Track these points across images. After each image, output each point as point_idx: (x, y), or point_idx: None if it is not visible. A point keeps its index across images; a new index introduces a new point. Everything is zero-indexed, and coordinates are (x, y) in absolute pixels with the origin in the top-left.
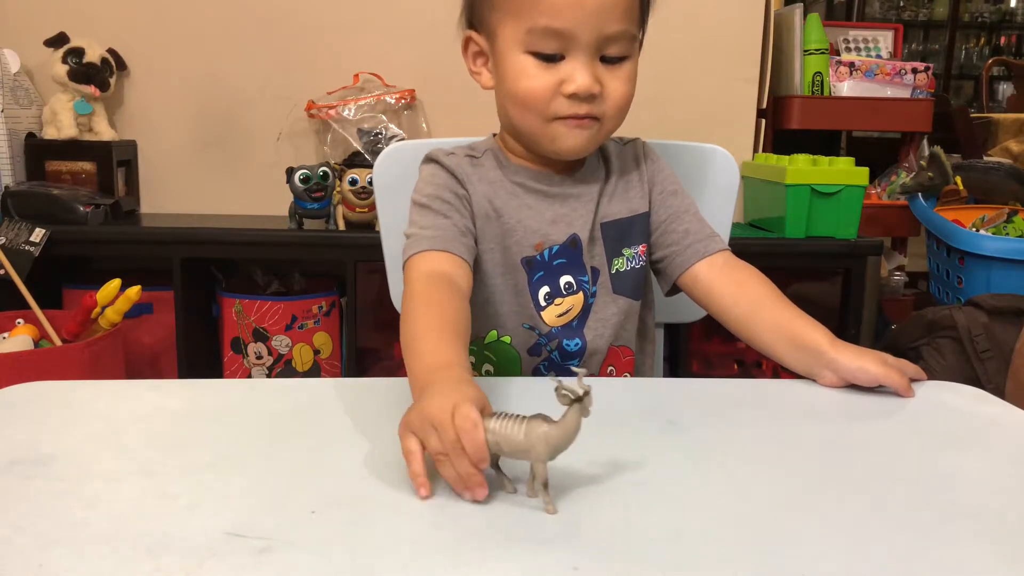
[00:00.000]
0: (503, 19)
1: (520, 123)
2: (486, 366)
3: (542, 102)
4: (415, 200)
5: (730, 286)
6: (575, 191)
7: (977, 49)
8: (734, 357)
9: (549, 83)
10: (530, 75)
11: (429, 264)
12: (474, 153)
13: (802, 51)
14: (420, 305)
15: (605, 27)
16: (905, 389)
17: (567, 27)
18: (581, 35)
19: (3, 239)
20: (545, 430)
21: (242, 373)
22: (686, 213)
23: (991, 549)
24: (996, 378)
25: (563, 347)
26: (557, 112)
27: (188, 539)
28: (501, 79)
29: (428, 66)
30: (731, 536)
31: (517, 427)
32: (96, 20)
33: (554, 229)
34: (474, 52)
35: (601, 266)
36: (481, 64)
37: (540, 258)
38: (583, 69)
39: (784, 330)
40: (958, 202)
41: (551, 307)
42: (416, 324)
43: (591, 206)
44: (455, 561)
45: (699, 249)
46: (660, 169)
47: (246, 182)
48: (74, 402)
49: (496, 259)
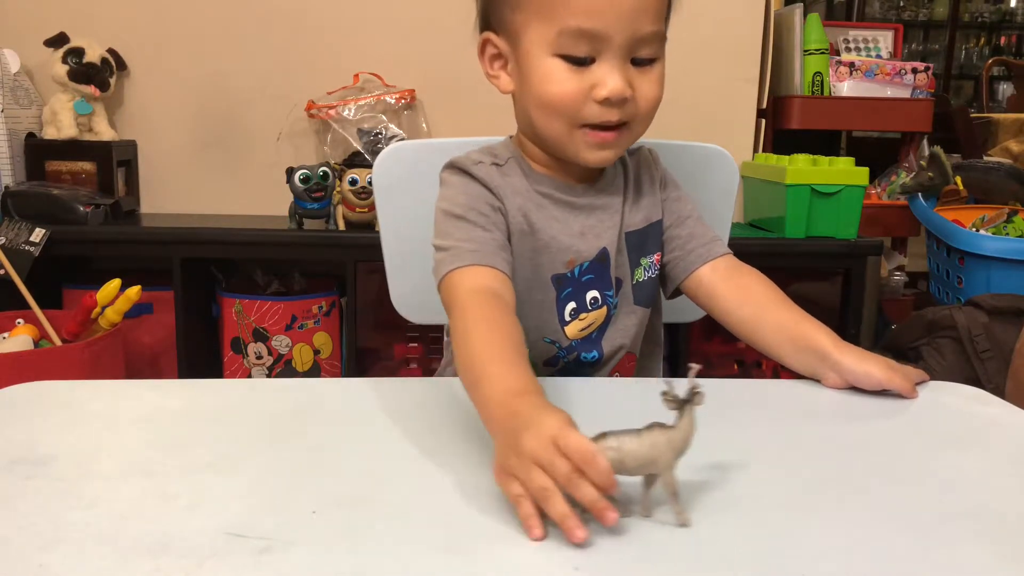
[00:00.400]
0: (529, 20)
1: (546, 130)
2: None
3: (571, 108)
4: (446, 210)
5: (733, 289)
6: (600, 201)
7: (977, 49)
8: (734, 357)
9: (579, 88)
10: (559, 79)
11: (474, 280)
12: (498, 161)
13: (802, 51)
14: (479, 325)
15: (639, 28)
16: (910, 394)
17: (601, 28)
18: (615, 36)
19: (3, 239)
20: (669, 436)
21: (242, 373)
22: (689, 218)
23: (991, 549)
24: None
25: (579, 358)
26: (587, 118)
27: (188, 539)
28: (526, 83)
29: (428, 66)
30: (731, 536)
31: (637, 441)
32: (96, 20)
33: (583, 243)
34: (491, 55)
35: (624, 276)
36: (499, 67)
37: (571, 275)
38: (615, 73)
39: (788, 332)
40: (958, 202)
41: (575, 322)
42: (478, 348)
43: (616, 217)
44: (455, 561)
45: (702, 253)
46: (665, 175)
47: (246, 182)
48: (74, 402)
49: (525, 275)
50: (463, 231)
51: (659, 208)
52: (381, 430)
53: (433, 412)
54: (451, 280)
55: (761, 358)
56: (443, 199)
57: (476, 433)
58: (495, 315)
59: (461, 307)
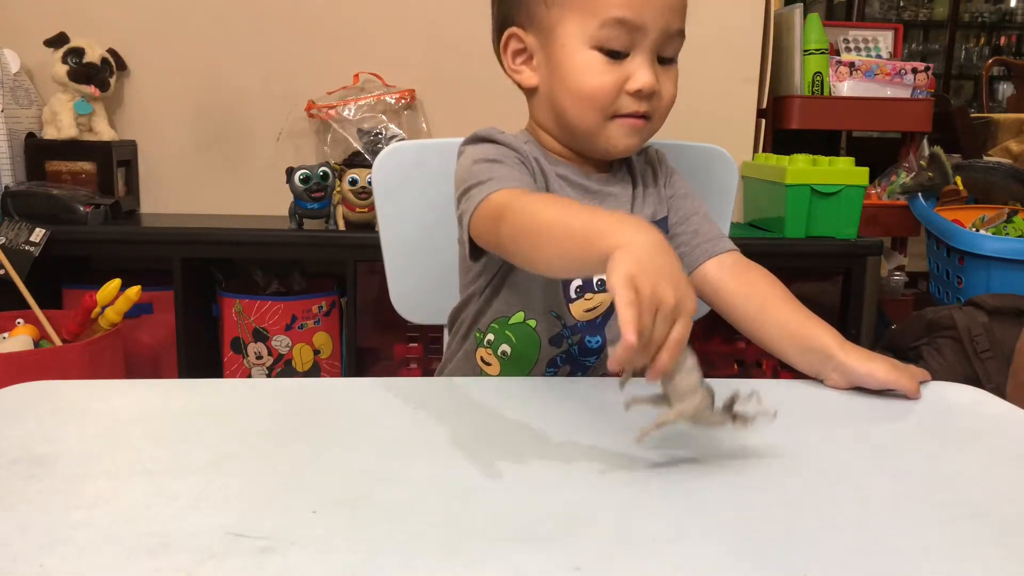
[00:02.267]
0: (565, 15)
1: (578, 120)
2: (503, 346)
3: (608, 99)
4: (478, 157)
5: (739, 285)
6: (612, 190)
7: (977, 49)
8: (734, 357)
9: (615, 80)
10: (597, 71)
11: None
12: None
13: (802, 51)
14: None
15: (671, 24)
16: (914, 394)
17: (640, 20)
18: (651, 30)
19: (3, 239)
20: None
21: (242, 373)
22: (696, 215)
23: (991, 549)
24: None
25: (584, 343)
26: (619, 109)
27: (188, 539)
28: (557, 76)
29: (428, 66)
30: (731, 536)
31: (696, 377)
32: (96, 20)
33: None
34: (515, 50)
35: None
36: (522, 63)
37: None
38: (647, 67)
39: (792, 331)
40: (958, 202)
41: (581, 300)
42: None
43: (627, 207)
44: (455, 561)
45: (708, 249)
46: (672, 174)
47: (246, 182)
48: (74, 402)
49: None
50: (499, 171)
51: (665, 206)
52: (381, 430)
53: (433, 412)
54: (496, 198)
55: (761, 358)
56: (469, 155)
57: (476, 433)
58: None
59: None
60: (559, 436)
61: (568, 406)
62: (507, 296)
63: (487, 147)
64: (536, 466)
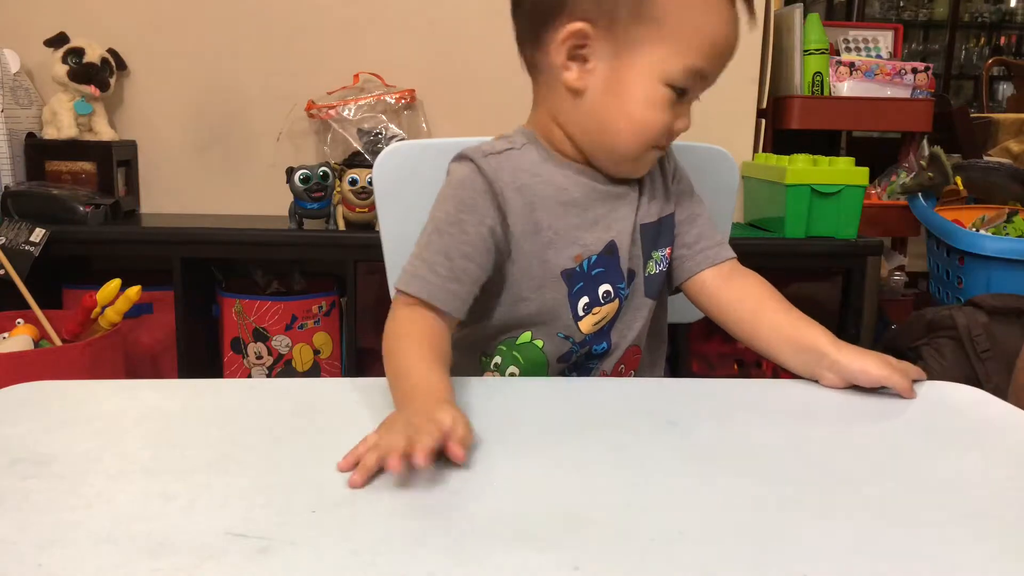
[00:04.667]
0: (652, 40)
1: (623, 145)
2: (511, 368)
3: (662, 136)
4: (433, 215)
5: (733, 291)
6: (619, 190)
7: (977, 49)
8: (734, 357)
9: (672, 119)
10: (662, 108)
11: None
12: (513, 145)
13: (802, 51)
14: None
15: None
16: (907, 391)
17: (711, 71)
18: (710, 80)
19: (3, 239)
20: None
21: (242, 373)
22: (699, 217)
23: (991, 549)
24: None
25: (591, 351)
26: (659, 143)
27: (188, 539)
28: (619, 96)
29: (428, 66)
30: (731, 536)
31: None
32: (96, 20)
33: (592, 235)
34: (574, 46)
35: (637, 268)
36: (577, 64)
37: (579, 269)
38: (689, 108)
39: (786, 332)
40: (958, 202)
41: (589, 316)
42: (407, 348)
43: (632, 207)
44: (455, 561)
45: (709, 256)
46: (679, 169)
47: (246, 182)
48: (74, 402)
49: (534, 273)
50: (434, 252)
51: (672, 202)
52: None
53: None
54: (398, 299)
55: (761, 358)
56: (439, 199)
57: (476, 433)
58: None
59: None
60: (559, 436)
61: (568, 406)
62: (512, 319)
63: (456, 186)
64: (536, 466)
